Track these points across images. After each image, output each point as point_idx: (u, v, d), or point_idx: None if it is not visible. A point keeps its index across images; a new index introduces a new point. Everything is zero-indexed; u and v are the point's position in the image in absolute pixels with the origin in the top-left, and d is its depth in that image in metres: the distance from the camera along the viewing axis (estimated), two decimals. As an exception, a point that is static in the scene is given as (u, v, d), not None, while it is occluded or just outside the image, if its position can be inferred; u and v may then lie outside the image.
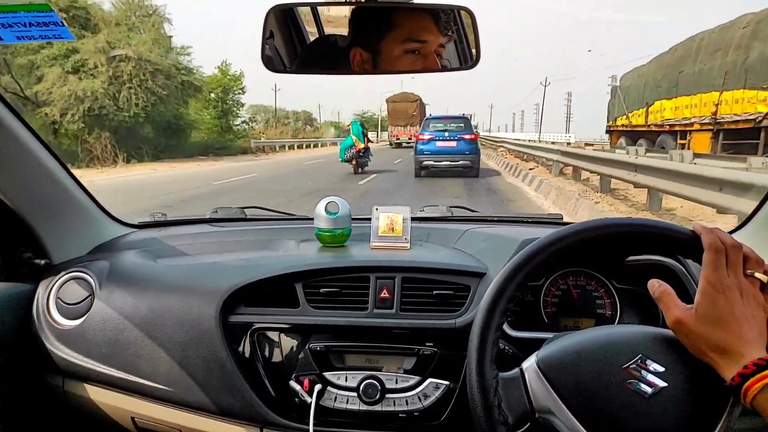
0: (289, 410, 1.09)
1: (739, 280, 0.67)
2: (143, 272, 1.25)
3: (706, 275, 0.68)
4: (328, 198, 1.31)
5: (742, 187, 5.27)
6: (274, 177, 14.39)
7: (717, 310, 0.66)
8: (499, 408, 0.72)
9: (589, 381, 0.70)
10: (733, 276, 0.68)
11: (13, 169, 1.18)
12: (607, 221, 0.78)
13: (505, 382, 0.75)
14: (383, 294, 1.12)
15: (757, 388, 0.61)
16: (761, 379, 0.61)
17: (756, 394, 0.61)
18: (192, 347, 1.11)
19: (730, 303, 0.66)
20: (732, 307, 0.66)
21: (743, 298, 0.67)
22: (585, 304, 1.18)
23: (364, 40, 1.01)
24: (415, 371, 1.07)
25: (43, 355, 1.19)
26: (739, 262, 0.68)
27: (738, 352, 0.64)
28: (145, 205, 8.26)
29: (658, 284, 0.73)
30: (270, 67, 1.04)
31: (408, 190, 11.15)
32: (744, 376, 0.62)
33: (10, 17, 0.98)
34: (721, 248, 0.69)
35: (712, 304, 0.66)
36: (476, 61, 1.04)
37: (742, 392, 0.62)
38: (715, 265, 0.68)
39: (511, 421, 0.72)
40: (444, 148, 13.68)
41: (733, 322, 0.65)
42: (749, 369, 0.62)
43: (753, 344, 0.64)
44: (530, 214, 1.60)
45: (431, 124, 14.61)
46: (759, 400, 0.61)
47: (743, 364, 0.63)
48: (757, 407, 0.61)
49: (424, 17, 1.01)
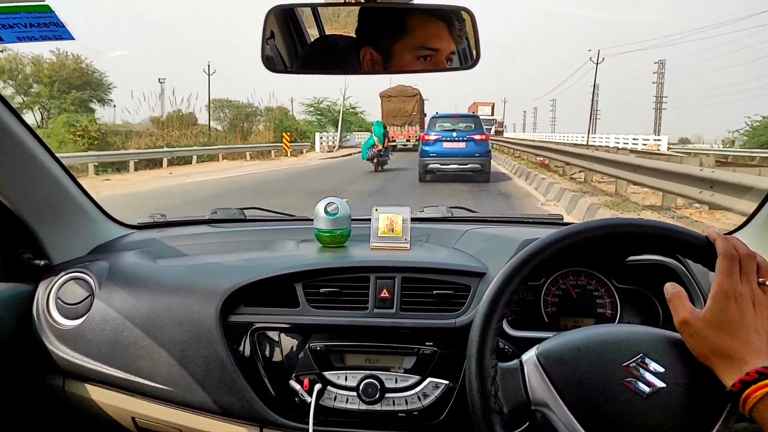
0: (289, 410, 1.09)
1: (752, 289, 0.68)
2: (143, 272, 1.25)
3: (719, 281, 0.68)
4: (327, 199, 1.31)
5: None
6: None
7: (726, 316, 0.66)
8: (496, 397, 0.72)
9: (587, 377, 0.71)
10: (746, 284, 0.68)
11: (13, 170, 1.18)
12: (613, 221, 0.78)
13: (503, 372, 0.75)
14: (383, 294, 1.12)
15: (757, 396, 0.61)
16: (762, 387, 0.61)
17: (756, 402, 0.61)
18: (192, 347, 1.11)
19: (741, 310, 0.66)
20: (742, 315, 0.66)
21: (755, 307, 0.67)
22: (585, 303, 1.18)
23: (376, 41, 1.02)
24: (414, 371, 1.07)
25: (44, 356, 1.19)
26: (753, 271, 0.69)
27: (742, 358, 0.64)
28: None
29: (672, 287, 0.73)
30: (270, 67, 1.05)
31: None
32: (745, 383, 0.62)
33: (11, 18, 0.98)
34: (735, 256, 0.69)
35: (722, 310, 0.67)
36: (476, 61, 1.05)
37: (741, 400, 0.62)
38: (729, 272, 0.68)
39: (507, 411, 0.72)
40: (452, 150, 12.38)
41: (742, 329, 0.65)
42: (751, 376, 0.62)
43: (759, 353, 0.64)
44: (530, 215, 1.60)
45: (438, 123, 13.25)
46: (758, 409, 0.61)
47: (746, 371, 0.63)
48: (755, 416, 0.61)
49: (437, 24, 1.02)
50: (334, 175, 15.18)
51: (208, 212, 1.65)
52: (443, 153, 12.48)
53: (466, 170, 12.39)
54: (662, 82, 52.55)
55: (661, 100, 52.19)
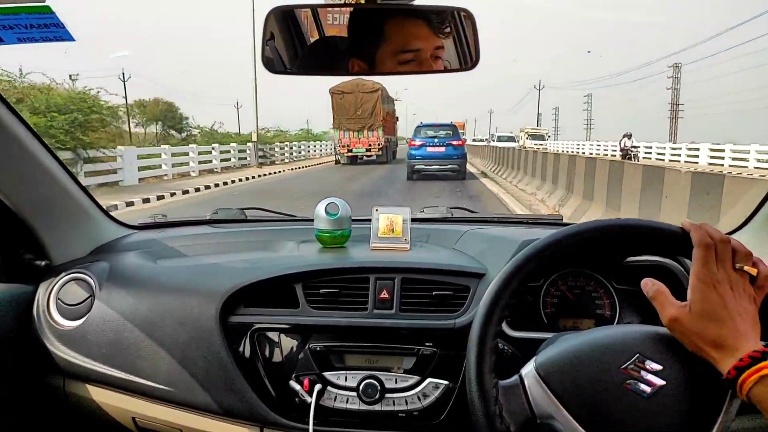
0: (289, 410, 1.09)
1: (729, 274, 0.68)
2: (143, 273, 1.25)
3: (696, 271, 0.69)
4: (328, 199, 1.32)
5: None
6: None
7: (710, 306, 0.67)
8: (501, 417, 0.72)
9: (588, 384, 0.71)
10: (722, 270, 0.68)
11: (14, 171, 1.18)
12: (599, 223, 0.78)
13: (505, 390, 0.74)
14: (383, 294, 1.13)
15: (753, 380, 0.62)
16: (757, 371, 0.62)
17: (752, 386, 0.62)
18: (192, 347, 1.11)
19: (722, 297, 0.67)
20: (724, 302, 0.66)
21: (734, 291, 0.67)
22: (584, 304, 1.18)
23: (360, 50, 1.02)
24: (414, 371, 1.07)
25: (44, 356, 1.19)
26: (728, 257, 0.69)
27: (733, 345, 0.65)
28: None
29: (651, 283, 0.73)
30: (270, 68, 1.05)
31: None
32: (740, 369, 0.63)
33: (11, 19, 0.99)
34: (710, 243, 0.69)
35: (704, 300, 0.67)
36: (475, 62, 1.04)
37: (738, 385, 0.63)
38: (705, 260, 0.68)
39: (513, 430, 0.72)
40: (434, 153, 15.29)
41: (727, 317, 0.66)
42: (744, 361, 0.63)
43: (747, 337, 0.65)
44: (530, 215, 1.60)
45: (422, 130, 16.17)
46: (755, 391, 0.62)
47: (738, 357, 0.64)
48: (753, 399, 0.62)
49: (415, 24, 1.01)
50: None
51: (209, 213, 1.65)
52: (427, 156, 15.37)
53: (446, 170, 15.32)
54: (678, 87, 51.04)
55: (676, 107, 50.95)
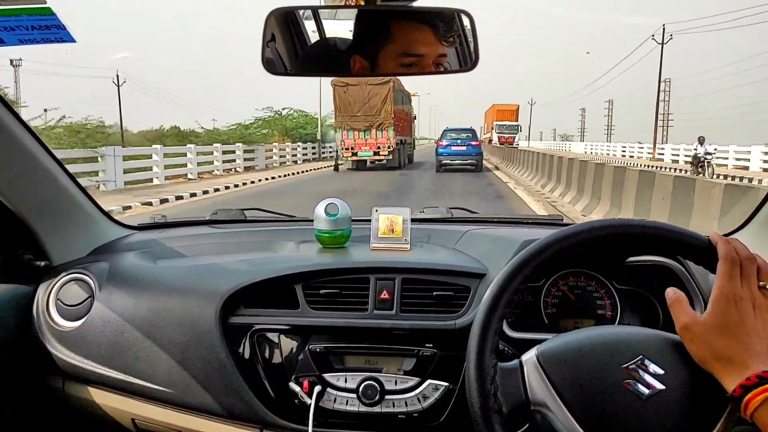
0: (288, 411, 1.09)
1: (753, 292, 0.67)
2: (143, 274, 1.25)
3: (720, 285, 0.68)
4: (328, 199, 1.32)
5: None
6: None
7: (727, 320, 0.66)
8: (495, 396, 0.72)
9: (587, 378, 0.71)
10: (746, 287, 0.67)
11: (14, 171, 1.18)
12: (616, 221, 0.78)
13: (503, 372, 0.75)
14: (383, 295, 1.12)
15: (759, 401, 0.60)
16: (763, 392, 0.60)
17: (757, 407, 0.60)
18: (192, 348, 1.11)
19: (742, 314, 0.66)
20: (743, 319, 0.66)
21: (755, 310, 0.66)
22: (585, 304, 1.18)
23: (362, 49, 1.02)
24: (414, 372, 1.07)
25: (44, 357, 1.19)
26: (753, 274, 0.68)
27: (743, 363, 0.64)
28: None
29: (672, 292, 0.73)
30: (271, 69, 1.05)
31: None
32: (746, 388, 0.62)
33: (12, 20, 0.99)
34: (736, 259, 0.69)
35: (723, 314, 0.66)
36: (475, 63, 1.04)
37: (742, 405, 0.62)
38: (730, 275, 0.68)
39: (506, 410, 0.72)
40: (457, 151, 20.46)
41: (743, 333, 0.65)
42: (752, 381, 0.62)
43: (759, 357, 0.64)
44: (531, 216, 1.60)
45: (448, 134, 21.08)
46: (760, 413, 0.60)
47: (746, 375, 0.62)
48: (757, 421, 0.61)
49: (421, 29, 1.01)
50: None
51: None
52: (452, 153, 20.53)
53: (466, 164, 20.54)
54: (667, 100, 52.32)
55: (667, 116, 51.97)
